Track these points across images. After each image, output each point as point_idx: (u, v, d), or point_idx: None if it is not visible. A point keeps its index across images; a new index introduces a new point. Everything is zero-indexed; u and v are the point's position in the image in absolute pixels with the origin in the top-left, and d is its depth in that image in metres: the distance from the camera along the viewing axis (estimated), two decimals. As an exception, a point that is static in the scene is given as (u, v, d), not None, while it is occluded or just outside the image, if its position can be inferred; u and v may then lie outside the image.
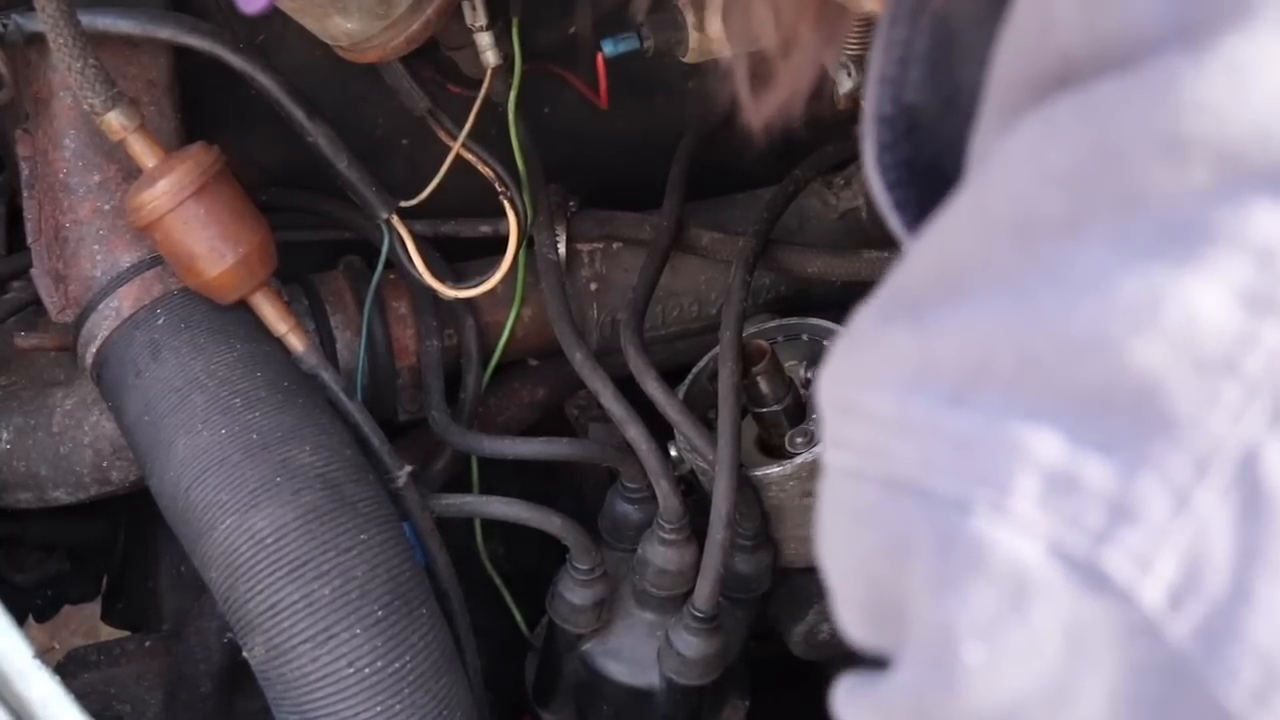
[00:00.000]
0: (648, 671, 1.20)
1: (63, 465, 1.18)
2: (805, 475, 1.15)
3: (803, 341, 1.25)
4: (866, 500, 0.44)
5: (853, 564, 0.47)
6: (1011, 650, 0.41)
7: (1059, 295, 0.41)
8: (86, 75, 1.01)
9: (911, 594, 0.43)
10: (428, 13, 1.06)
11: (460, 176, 1.19)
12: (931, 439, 0.42)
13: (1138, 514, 0.40)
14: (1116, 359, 0.40)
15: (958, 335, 0.43)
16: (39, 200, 1.13)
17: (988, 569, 0.41)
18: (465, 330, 1.27)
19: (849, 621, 0.49)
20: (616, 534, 1.25)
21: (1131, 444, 0.40)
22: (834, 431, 0.47)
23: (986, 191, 0.45)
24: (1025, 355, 0.41)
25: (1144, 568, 0.40)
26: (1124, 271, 0.40)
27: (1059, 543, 0.40)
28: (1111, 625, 0.40)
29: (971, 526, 0.41)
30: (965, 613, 0.41)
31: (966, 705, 0.42)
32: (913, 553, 0.42)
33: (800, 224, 1.37)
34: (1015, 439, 0.41)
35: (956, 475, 0.41)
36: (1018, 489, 0.40)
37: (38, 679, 0.86)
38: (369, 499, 1.06)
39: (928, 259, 0.47)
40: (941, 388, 0.43)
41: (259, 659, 1.01)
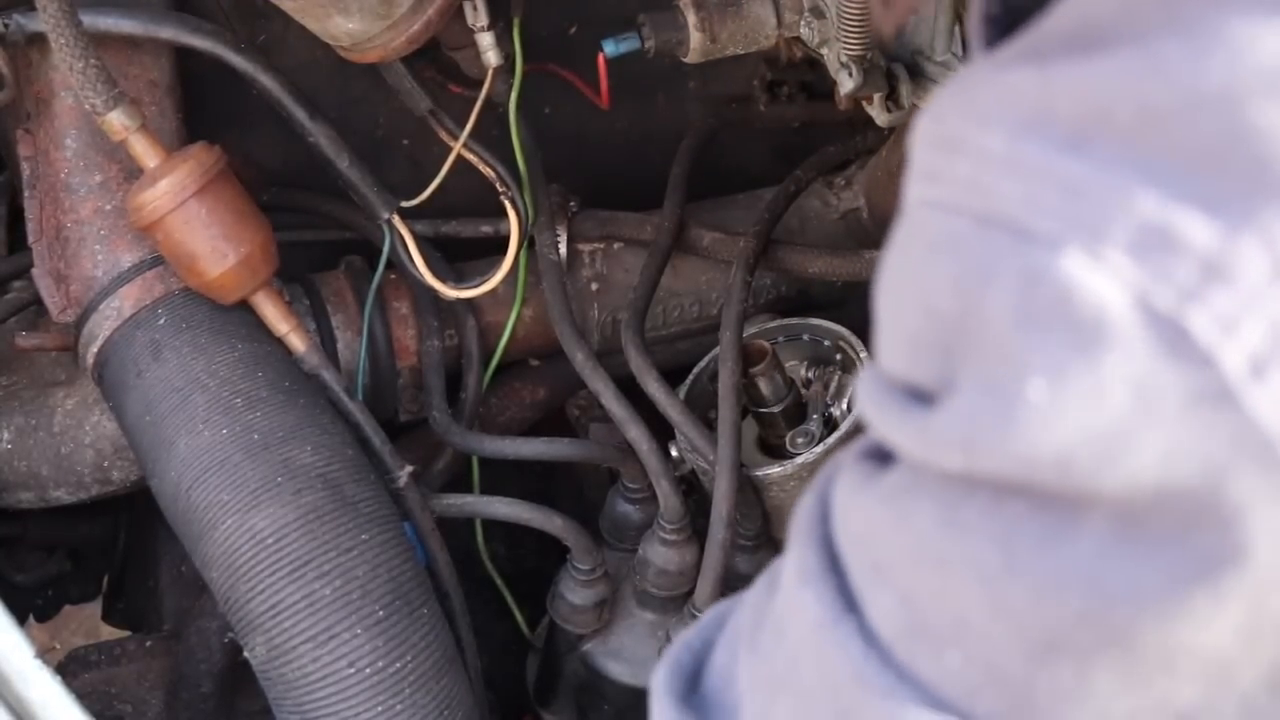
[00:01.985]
0: (648, 671, 1.20)
1: (64, 465, 1.18)
2: (806, 475, 1.15)
3: (803, 341, 1.25)
4: (955, 231, 0.44)
5: (916, 293, 0.45)
6: (1077, 394, 0.40)
7: (1191, 51, 0.40)
8: (88, 75, 1.01)
9: (979, 327, 0.42)
10: (429, 13, 1.06)
11: (461, 176, 1.19)
12: (1040, 179, 0.41)
13: (1232, 274, 0.39)
14: (1238, 118, 0.39)
15: (1081, 82, 0.42)
16: (40, 200, 1.13)
17: (1069, 309, 0.40)
18: (466, 330, 1.27)
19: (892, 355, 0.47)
20: (617, 534, 1.25)
21: (1238, 204, 0.39)
22: (928, 166, 0.46)
23: None
24: (1144, 107, 0.41)
25: (1229, 331, 0.39)
26: (1263, 35, 0.39)
27: (1146, 295, 0.39)
28: (1185, 386, 0.39)
29: (1061, 266, 0.40)
30: (1038, 350, 0.41)
31: (1020, 440, 0.41)
32: (993, 284, 0.42)
33: (801, 224, 1.37)
34: (1122, 189, 0.40)
35: (1057, 216, 0.41)
36: (1114, 236, 0.40)
37: (38, 679, 0.86)
38: (370, 499, 1.06)
39: (1063, 21, 0.46)
40: (1058, 131, 0.42)
41: (260, 659, 1.01)
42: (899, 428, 0.46)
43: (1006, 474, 0.43)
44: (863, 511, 0.50)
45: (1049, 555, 0.43)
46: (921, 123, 0.47)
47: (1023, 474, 0.42)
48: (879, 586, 0.49)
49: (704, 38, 1.11)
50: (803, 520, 0.54)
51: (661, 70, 1.32)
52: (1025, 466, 0.42)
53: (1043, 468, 0.42)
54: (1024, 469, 0.42)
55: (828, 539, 0.52)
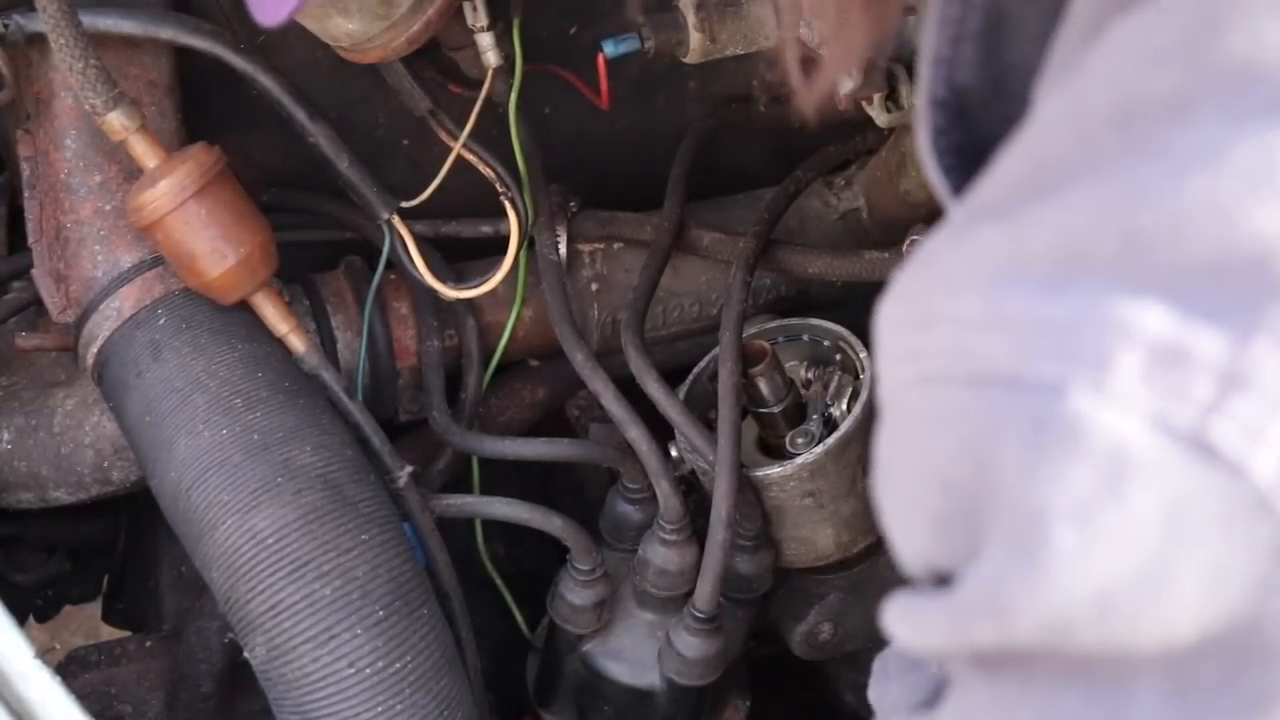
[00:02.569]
0: (648, 672, 1.20)
1: (64, 465, 1.18)
2: (806, 476, 1.15)
3: (803, 342, 1.25)
4: (947, 401, 0.42)
5: (923, 474, 0.44)
6: (1106, 532, 0.39)
7: (1165, 170, 0.39)
8: (88, 75, 1.01)
9: (994, 489, 0.41)
10: (429, 13, 1.06)
11: (461, 177, 1.19)
12: (1025, 329, 0.40)
13: (1251, 382, 0.38)
14: (1230, 226, 0.38)
15: (1054, 224, 0.41)
16: (40, 200, 1.13)
17: (1084, 447, 0.39)
18: (466, 330, 1.27)
19: (914, 541, 0.46)
20: (617, 534, 1.25)
21: (1244, 311, 0.38)
22: (905, 347, 0.44)
23: (1081, 88, 0.43)
24: (1129, 233, 0.39)
25: (1256, 438, 0.38)
26: (1235, 140, 0.39)
27: (1163, 417, 0.38)
28: (1217, 501, 0.38)
29: (1067, 406, 0.39)
30: (1058, 495, 0.39)
31: (1053, 594, 0.39)
32: (1000, 443, 0.40)
33: (801, 224, 1.37)
34: (1118, 317, 0.39)
35: (1052, 359, 0.39)
36: (1120, 366, 0.38)
37: (38, 679, 0.86)
38: (370, 499, 1.06)
39: (1014, 168, 0.44)
40: (1036, 277, 0.40)
41: (260, 659, 1.01)
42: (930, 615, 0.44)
43: (1042, 638, 0.41)
44: None
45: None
46: (886, 310, 0.46)
47: (1060, 636, 0.40)
48: None
49: (704, 38, 1.11)
50: None
51: (661, 70, 1.31)
52: (1061, 623, 0.40)
53: (1081, 620, 0.40)
54: (1060, 627, 0.40)
55: None
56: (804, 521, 1.19)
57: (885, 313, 0.46)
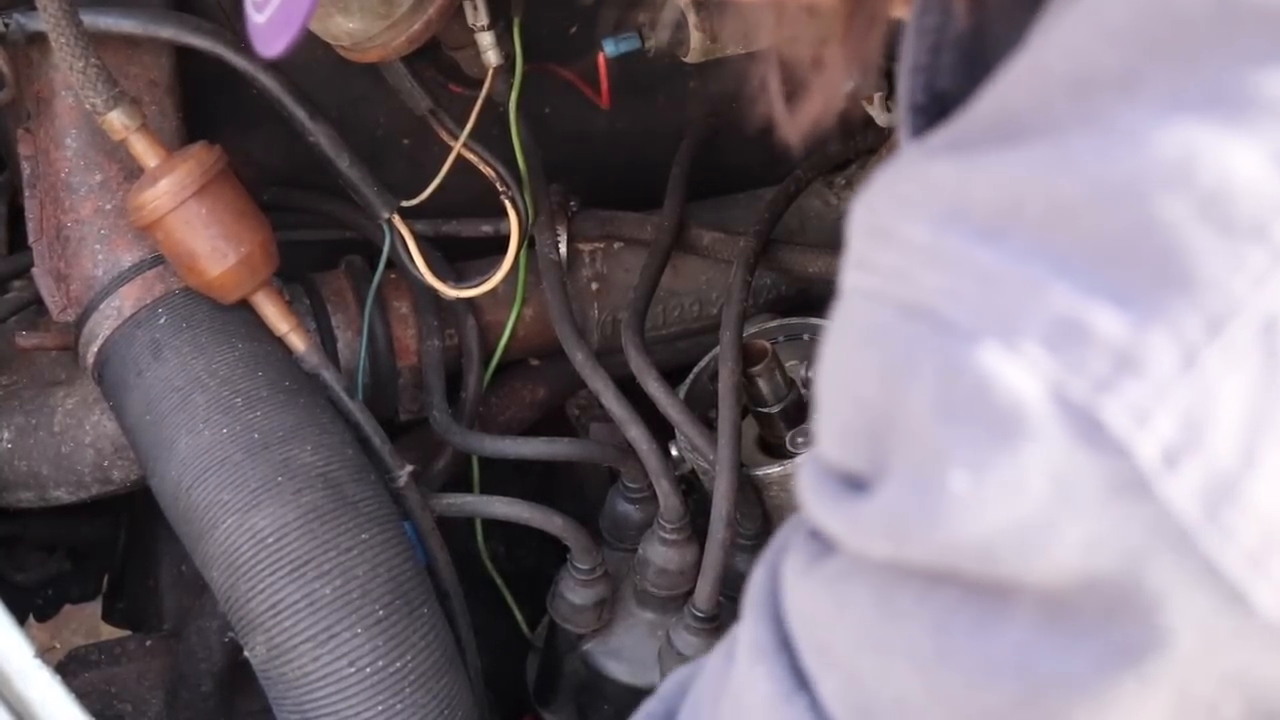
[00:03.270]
0: (649, 671, 1.20)
1: (64, 464, 1.18)
2: (806, 475, 1.15)
3: (803, 341, 1.25)
4: (880, 321, 0.44)
5: (847, 382, 0.47)
6: (997, 483, 0.41)
7: (1097, 145, 0.41)
8: (88, 75, 1.01)
9: (903, 418, 0.43)
10: (429, 12, 1.06)
11: (461, 176, 1.19)
12: (959, 271, 0.42)
13: (1143, 367, 0.39)
14: (1143, 212, 0.40)
15: (997, 176, 0.43)
16: (40, 199, 1.13)
17: (987, 401, 0.41)
18: (466, 330, 1.27)
19: (828, 438, 0.49)
20: (617, 534, 1.25)
21: (1146, 297, 0.40)
22: (860, 254, 0.47)
23: (1046, 49, 0.45)
24: (1055, 199, 0.41)
25: (1142, 422, 0.40)
26: (1164, 127, 0.40)
27: (1060, 386, 0.40)
28: (1101, 475, 0.40)
29: (978, 358, 0.41)
30: (958, 440, 0.41)
31: (944, 531, 0.42)
32: (915, 376, 0.43)
33: (801, 224, 1.37)
34: (1035, 281, 0.41)
35: (975, 309, 0.42)
36: (1029, 329, 0.40)
37: (38, 678, 0.86)
38: (370, 498, 1.06)
39: (984, 111, 0.46)
40: (976, 223, 0.43)
41: (260, 658, 1.01)
42: (832, 516, 0.47)
43: (933, 563, 0.44)
44: (808, 594, 0.51)
45: (980, 642, 0.44)
46: (856, 210, 0.48)
47: (948, 563, 0.43)
48: (826, 667, 0.50)
49: (704, 37, 1.11)
50: (756, 593, 0.56)
51: (661, 70, 1.31)
52: (950, 556, 0.43)
53: (967, 557, 0.42)
54: (949, 558, 0.43)
55: (778, 615, 0.53)
56: (804, 521, 1.19)
57: (855, 214, 0.48)
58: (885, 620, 0.46)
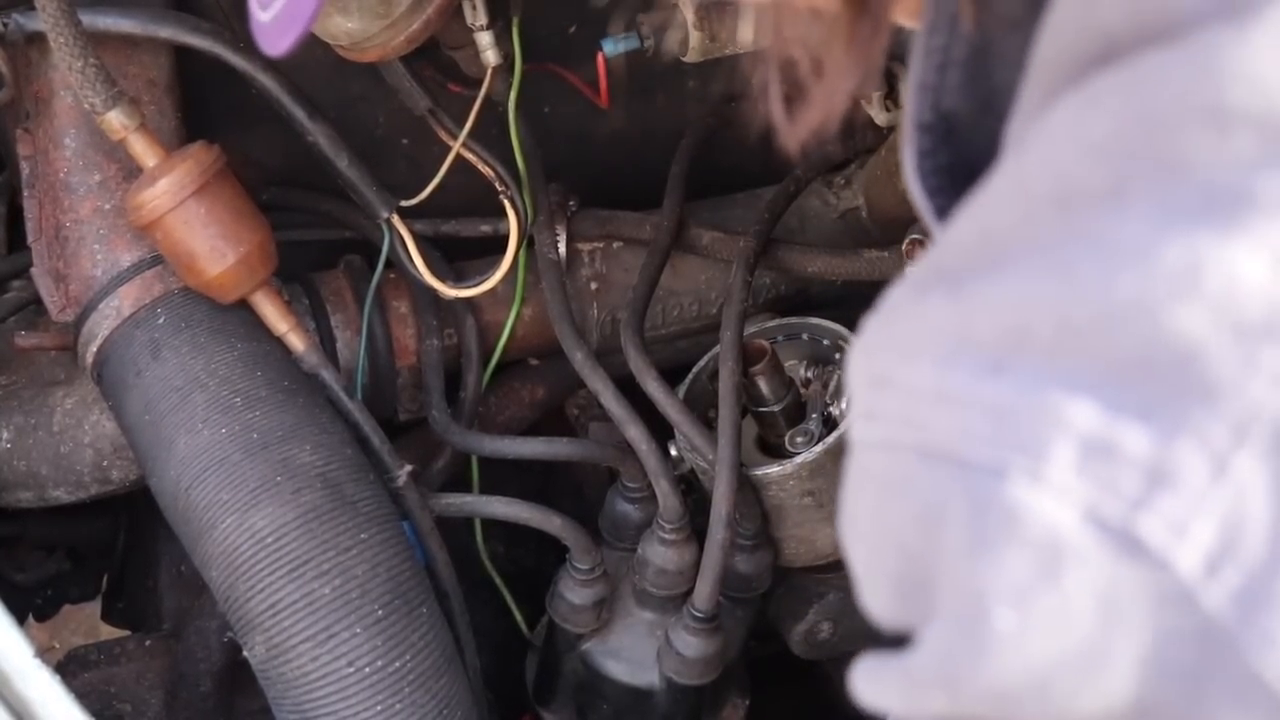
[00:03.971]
0: (648, 671, 1.21)
1: (63, 464, 1.18)
2: (805, 475, 1.15)
3: (803, 341, 1.25)
4: (900, 470, 0.44)
5: (882, 535, 0.46)
6: (1044, 616, 0.41)
7: (1099, 263, 0.41)
8: (87, 74, 1.01)
9: (942, 563, 0.43)
10: (428, 12, 1.06)
11: (461, 176, 1.19)
12: (969, 408, 0.42)
13: (1175, 480, 0.39)
14: (1156, 326, 0.40)
15: (996, 305, 0.43)
16: (39, 199, 1.13)
17: (1022, 535, 0.40)
18: (465, 330, 1.27)
19: (875, 597, 0.48)
20: (616, 534, 1.25)
21: (1170, 410, 0.39)
22: (866, 405, 0.46)
23: (1027, 166, 0.45)
24: (1064, 323, 0.41)
25: (1180, 534, 0.39)
26: (1165, 239, 0.40)
27: (1094, 509, 0.40)
28: (1146, 592, 0.40)
29: (1006, 493, 0.41)
30: (997, 578, 0.41)
31: (996, 672, 0.42)
32: (946, 520, 0.42)
33: (800, 224, 1.37)
34: (1053, 407, 0.40)
35: (993, 444, 0.41)
36: (1054, 457, 0.40)
37: (38, 678, 0.86)
38: (369, 498, 1.06)
39: (966, 234, 0.46)
40: (980, 358, 0.42)
41: (259, 658, 1.01)
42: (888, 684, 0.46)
43: (990, 709, 0.43)
44: None
45: None
46: (854, 357, 0.47)
47: (1005, 708, 0.42)
48: None
49: (703, 37, 1.11)
50: None
51: (661, 70, 1.31)
52: (1006, 699, 0.42)
53: (1024, 697, 0.42)
54: (1005, 701, 0.42)
55: None
56: (803, 520, 1.19)
57: (852, 363, 0.48)
58: None
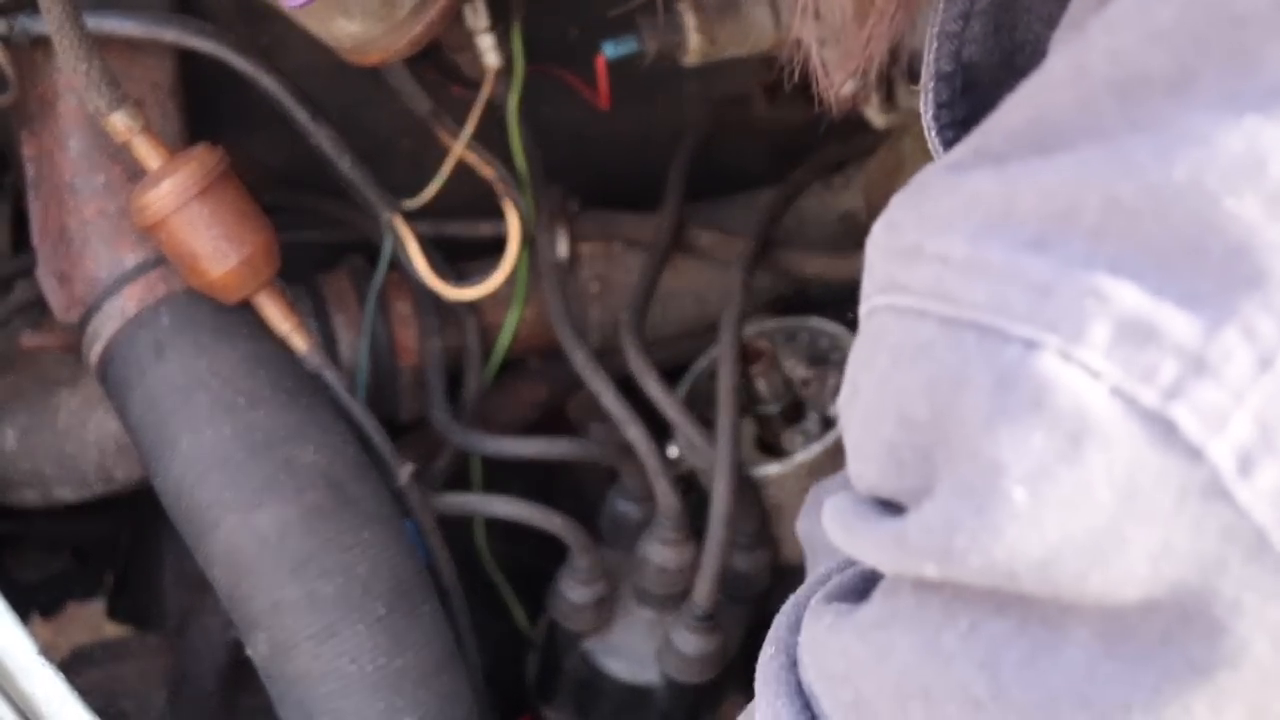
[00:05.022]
0: (647, 669, 1.21)
1: (67, 464, 1.18)
2: (804, 474, 1.15)
3: (802, 341, 1.25)
4: (921, 336, 0.42)
5: (887, 401, 0.44)
6: (1060, 495, 0.39)
7: (1156, 147, 0.39)
8: (91, 77, 1.01)
9: (954, 433, 0.41)
10: (430, 15, 1.06)
11: (462, 177, 1.20)
12: (1006, 281, 0.40)
13: (1217, 369, 0.38)
14: (1211, 212, 0.38)
15: (1044, 182, 0.41)
16: (44, 201, 1.14)
17: (1048, 408, 0.39)
18: (467, 330, 1.27)
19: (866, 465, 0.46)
20: (616, 533, 1.26)
21: (1218, 299, 0.38)
22: (887, 276, 0.44)
23: (1087, 51, 0.43)
24: (1115, 203, 0.40)
25: (1218, 425, 0.38)
26: (1229, 127, 0.39)
27: (1129, 391, 0.39)
28: (1173, 481, 0.38)
29: (1036, 366, 0.39)
30: (1017, 450, 0.39)
31: (1002, 544, 0.40)
32: (966, 389, 0.41)
33: (800, 225, 1.38)
34: (1095, 285, 0.39)
35: (1027, 318, 0.40)
36: (1092, 336, 0.39)
37: (42, 676, 0.86)
38: (371, 497, 1.06)
39: (1015, 118, 0.44)
40: (1022, 232, 0.41)
41: (262, 656, 1.02)
42: (874, 540, 0.45)
43: (986, 582, 0.41)
44: (838, 651, 0.49)
45: (1036, 676, 0.42)
46: (875, 233, 0.46)
47: (1003, 581, 0.41)
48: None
49: (703, 40, 1.12)
50: (766, 673, 0.53)
51: (661, 71, 1.32)
52: (1006, 573, 0.41)
53: (1025, 574, 0.40)
54: (1005, 576, 0.41)
55: (798, 686, 0.51)
56: (802, 520, 1.19)
57: (874, 238, 0.46)
58: (932, 663, 0.44)
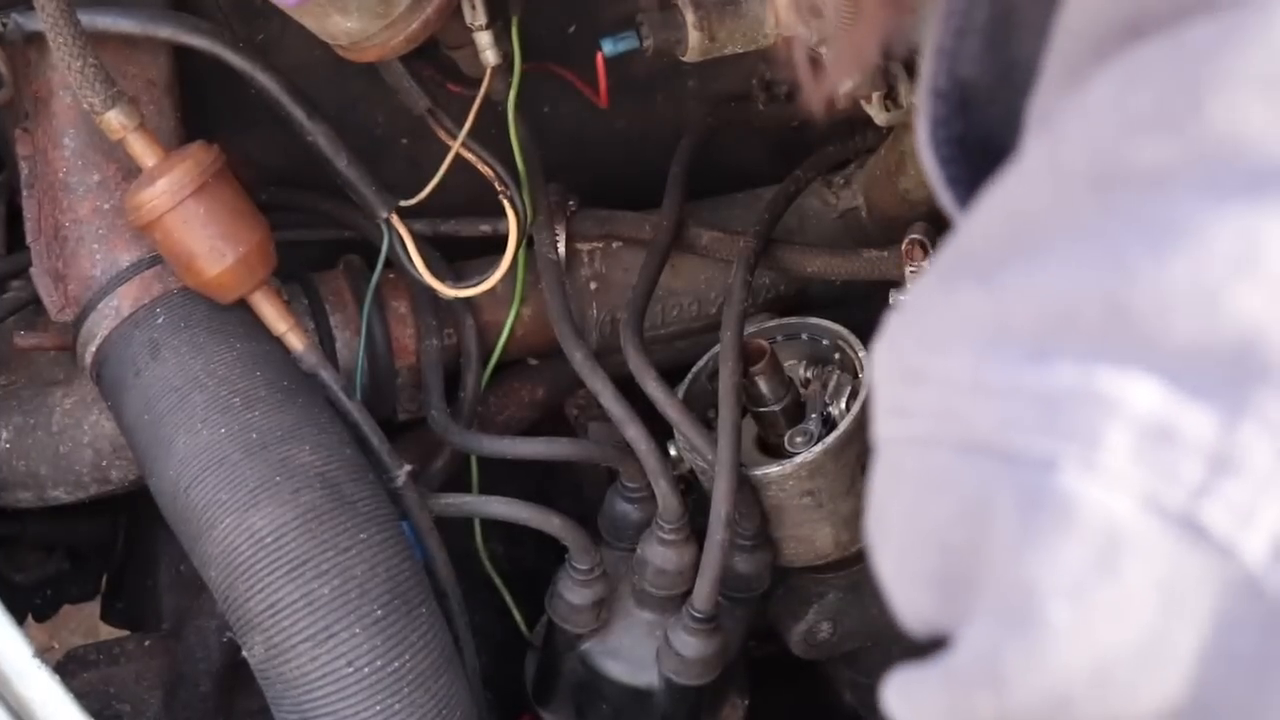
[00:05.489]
0: (647, 671, 1.20)
1: (62, 464, 1.18)
2: (805, 475, 1.15)
3: (802, 341, 1.25)
4: (939, 466, 0.42)
5: (920, 535, 0.44)
6: (1102, 607, 0.39)
7: (1148, 244, 0.39)
8: (86, 74, 1.01)
9: (988, 559, 0.41)
10: (427, 12, 1.06)
11: (460, 175, 1.19)
12: (1011, 398, 0.40)
13: (1239, 464, 0.38)
14: (1214, 308, 0.38)
15: (1036, 290, 0.41)
16: (38, 199, 1.13)
17: (1077, 525, 0.39)
18: (465, 329, 1.27)
19: (909, 601, 0.46)
20: (616, 533, 1.25)
21: (1232, 393, 0.38)
22: (895, 401, 0.44)
23: (1059, 145, 0.43)
24: (1114, 306, 0.39)
25: (1246, 520, 0.38)
26: (1219, 217, 0.38)
27: (1154, 497, 0.38)
28: (1209, 580, 0.38)
29: (1058, 483, 0.39)
30: (1052, 570, 0.39)
31: (1051, 667, 0.40)
32: (993, 515, 0.40)
33: (800, 223, 1.37)
34: (1105, 391, 0.39)
35: (1040, 433, 0.39)
36: (1109, 443, 0.38)
37: (37, 678, 0.86)
38: (368, 498, 1.06)
39: (993, 219, 0.44)
40: (1020, 345, 0.40)
41: (258, 658, 1.01)
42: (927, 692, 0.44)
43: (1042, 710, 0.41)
44: None
45: None
46: (879, 356, 0.45)
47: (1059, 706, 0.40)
48: None
49: (702, 37, 1.11)
50: None
51: (661, 69, 1.31)
52: (1060, 696, 0.40)
53: (1079, 692, 0.40)
54: (1059, 699, 0.40)
55: None
56: (803, 520, 1.19)
57: (877, 359, 0.46)
58: None
